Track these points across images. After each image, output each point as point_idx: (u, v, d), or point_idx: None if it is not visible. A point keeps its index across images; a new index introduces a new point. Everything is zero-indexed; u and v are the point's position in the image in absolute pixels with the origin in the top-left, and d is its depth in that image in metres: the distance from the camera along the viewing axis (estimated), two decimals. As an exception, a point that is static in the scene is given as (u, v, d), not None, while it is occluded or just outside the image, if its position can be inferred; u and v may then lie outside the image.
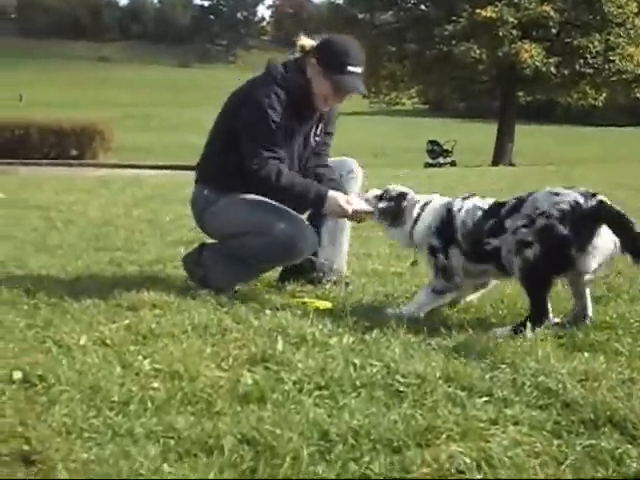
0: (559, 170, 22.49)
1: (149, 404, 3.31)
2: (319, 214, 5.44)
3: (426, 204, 4.92)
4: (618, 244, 4.26)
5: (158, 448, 2.89)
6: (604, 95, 36.57)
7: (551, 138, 51.70)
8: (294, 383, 3.53)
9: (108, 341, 4.17)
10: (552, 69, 32.76)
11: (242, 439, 2.95)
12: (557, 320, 4.52)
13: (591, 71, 33.54)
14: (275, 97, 5.13)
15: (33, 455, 2.82)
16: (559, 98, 39.00)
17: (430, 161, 37.40)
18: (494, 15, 32.10)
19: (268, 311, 4.76)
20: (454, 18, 34.04)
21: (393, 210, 4.98)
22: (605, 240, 4.25)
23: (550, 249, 4.29)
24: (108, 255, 6.92)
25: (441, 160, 37.42)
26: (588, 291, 4.59)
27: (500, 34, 32.13)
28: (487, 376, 3.64)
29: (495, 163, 34.17)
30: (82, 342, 4.12)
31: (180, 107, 64.83)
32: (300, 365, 3.73)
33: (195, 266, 5.49)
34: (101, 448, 2.89)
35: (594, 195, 4.29)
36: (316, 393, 3.42)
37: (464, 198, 4.81)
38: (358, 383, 3.53)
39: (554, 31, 34.44)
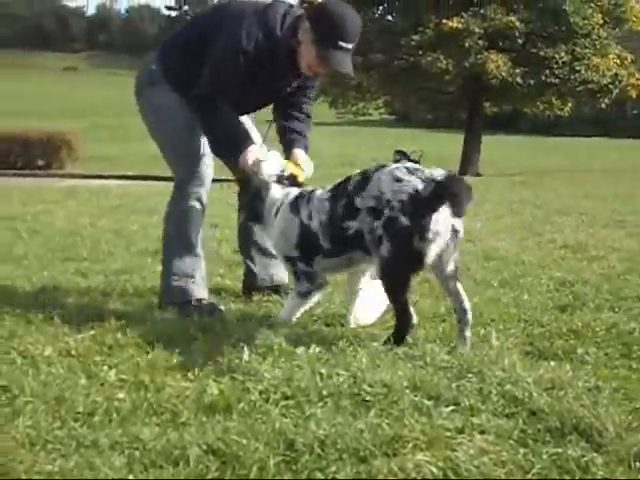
0: (526, 181, 22.60)
1: (114, 415, 3.29)
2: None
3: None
4: (457, 227, 4.27)
5: (123, 459, 2.87)
6: (570, 105, 36.77)
7: (517, 148, 51.95)
8: (260, 393, 3.52)
9: (73, 352, 4.15)
10: (518, 79, 32.85)
11: (208, 449, 2.93)
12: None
13: (557, 81, 33.64)
14: (253, 42, 4.93)
15: (-4, 467, 2.80)
16: (525, 108, 39.12)
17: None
18: (460, 26, 32.17)
19: (234, 321, 4.75)
20: (420, 29, 34.16)
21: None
22: (442, 225, 4.20)
23: (398, 244, 4.25)
24: (74, 265, 6.88)
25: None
26: (459, 285, 4.49)
27: (466, 45, 32.20)
28: (454, 385, 3.64)
29: (462, 173, 34.16)
30: (47, 353, 4.09)
31: (147, 117, 64.47)
32: (266, 375, 3.72)
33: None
34: (65, 459, 2.87)
35: (434, 178, 4.20)
36: (282, 403, 3.41)
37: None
38: (325, 392, 3.52)
39: (520, 42, 34.59)
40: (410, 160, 5.59)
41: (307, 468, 2.79)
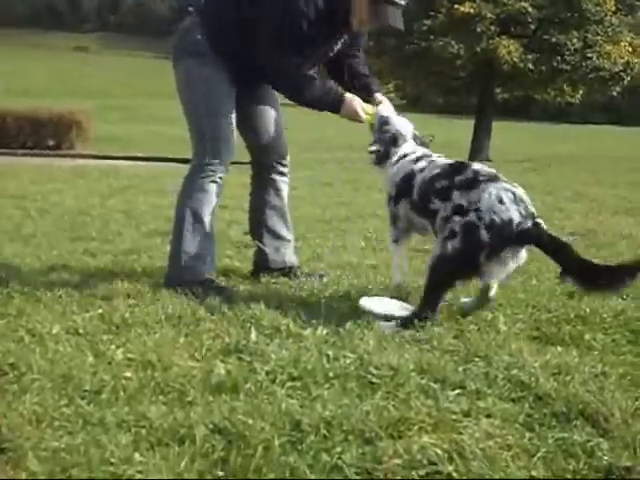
0: (536, 167, 22.57)
1: (121, 393, 3.29)
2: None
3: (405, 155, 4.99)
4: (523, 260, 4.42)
5: (129, 437, 2.87)
6: (581, 92, 36.64)
7: (528, 135, 51.85)
8: (267, 374, 3.52)
9: (81, 330, 4.16)
10: (530, 65, 32.75)
11: (214, 429, 2.94)
12: (466, 300, 4.68)
13: (568, 68, 33.50)
14: (317, 13, 4.91)
15: (3, 443, 2.81)
16: (536, 95, 38.97)
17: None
18: (472, 11, 32.05)
19: (242, 302, 4.76)
20: (432, 13, 34.04)
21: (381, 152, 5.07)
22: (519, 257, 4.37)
23: (464, 250, 4.34)
24: (83, 245, 6.90)
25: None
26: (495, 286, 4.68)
27: (478, 30, 32.08)
28: (460, 369, 3.64)
29: (472, 159, 34.14)
30: (55, 331, 4.10)
31: (157, 99, 64.55)
32: (273, 356, 3.73)
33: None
34: (72, 437, 2.88)
35: (534, 217, 4.29)
36: (289, 384, 3.42)
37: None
38: (331, 374, 3.52)
39: (532, 27, 34.44)
40: (421, 143, 5.65)
41: (312, 449, 2.79)
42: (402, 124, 5.10)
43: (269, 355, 3.74)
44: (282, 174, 5.66)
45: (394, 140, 5.02)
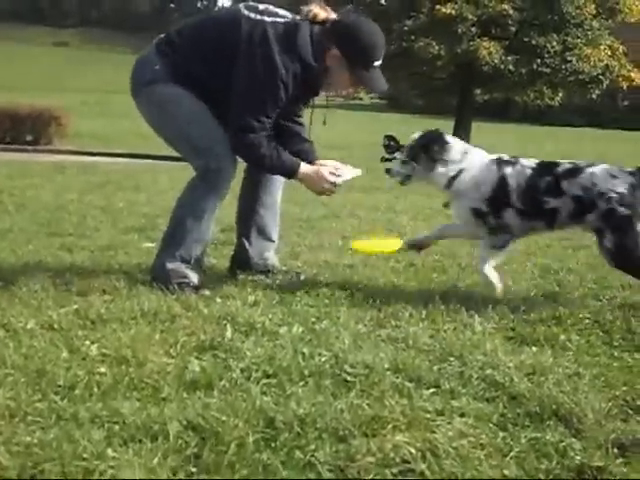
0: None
1: (95, 389, 3.28)
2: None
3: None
4: None
5: (103, 433, 2.86)
6: (560, 95, 36.80)
7: (507, 136, 51.96)
8: (242, 371, 3.53)
9: (56, 325, 4.15)
10: (510, 67, 32.87)
11: (187, 425, 2.93)
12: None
13: (548, 71, 33.63)
14: (291, 74, 4.89)
15: (-25, 437, 2.79)
16: (516, 97, 39.11)
17: (387, 156, 37.35)
18: (454, 12, 32.16)
19: (218, 299, 4.75)
20: (414, 14, 34.11)
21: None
22: None
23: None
24: (59, 240, 6.88)
25: (397, 155, 37.37)
26: None
27: (459, 31, 32.20)
28: (435, 368, 3.66)
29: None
30: (29, 326, 4.09)
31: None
32: (248, 353, 3.73)
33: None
34: (45, 432, 2.86)
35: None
36: (264, 381, 3.42)
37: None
38: (306, 372, 3.53)
39: (513, 29, 34.57)
40: (398, 144, 5.65)
41: (286, 446, 2.79)
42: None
43: (244, 352, 3.74)
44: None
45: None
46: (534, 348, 4.05)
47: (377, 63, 5.04)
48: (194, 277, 5.16)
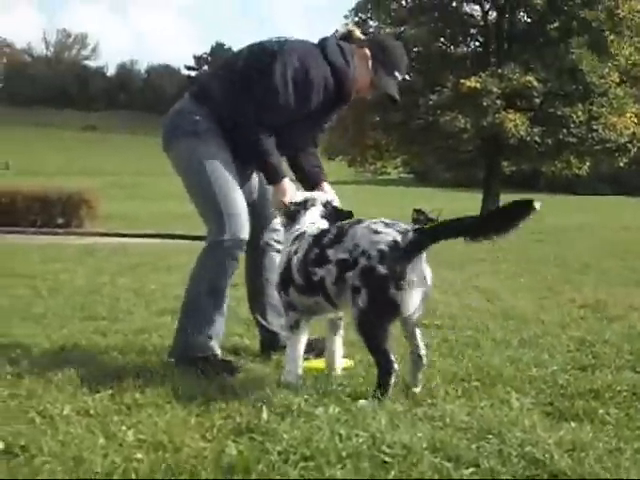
0: (544, 239, 22.60)
1: (133, 475, 3.26)
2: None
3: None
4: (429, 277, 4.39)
5: (141, 521, 2.85)
6: (588, 164, 36.88)
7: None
8: (279, 454, 3.49)
9: (92, 411, 4.13)
10: (536, 138, 33.04)
11: (226, 511, 2.91)
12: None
13: (574, 140, 33.79)
14: (322, 86, 5.21)
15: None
16: (543, 167, 39.18)
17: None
18: (478, 85, 32.45)
19: (253, 381, 4.74)
20: (438, 88, 34.43)
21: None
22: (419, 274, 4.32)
23: (375, 293, 4.31)
24: (93, 324, 6.90)
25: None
26: (418, 331, 4.61)
27: (484, 104, 32.44)
28: (473, 446, 3.60)
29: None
30: (65, 412, 4.08)
31: (166, 176, 64.59)
32: (285, 435, 3.69)
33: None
34: (84, 521, 2.85)
35: (410, 229, 4.36)
36: (301, 464, 3.37)
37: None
38: (344, 454, 3.48)
39: (538, 101, 34.79)
40: (428, 219, 5.63)
41: (327, 530, 2.77)
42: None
43: (281, 435, 3.71)
44: (272, 244, 5.72)
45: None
46: (573, 423, 3.99)
47: (398, 74, 5.38)
48: (217, 349, 5.21)
